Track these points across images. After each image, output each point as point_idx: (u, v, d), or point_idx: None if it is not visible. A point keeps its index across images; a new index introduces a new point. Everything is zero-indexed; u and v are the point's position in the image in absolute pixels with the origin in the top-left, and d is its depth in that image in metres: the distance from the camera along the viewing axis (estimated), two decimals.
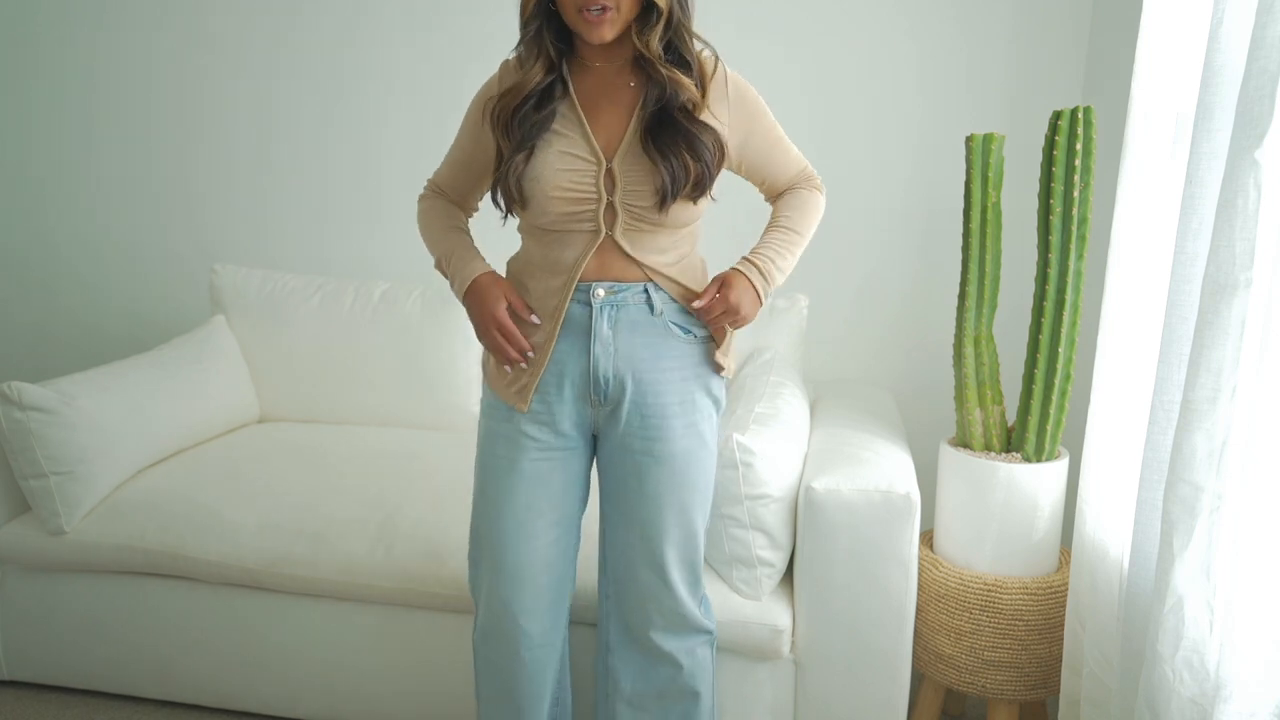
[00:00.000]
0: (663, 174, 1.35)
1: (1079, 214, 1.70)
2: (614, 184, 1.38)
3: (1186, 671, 1.32)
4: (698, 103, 1.39)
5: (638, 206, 1.38)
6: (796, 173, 1.56)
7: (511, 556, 1.48)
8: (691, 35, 1.40)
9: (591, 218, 1.39)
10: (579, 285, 1.41)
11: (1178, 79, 1.56)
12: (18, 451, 1.94)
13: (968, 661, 1.80)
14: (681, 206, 1.39)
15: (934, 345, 2.48)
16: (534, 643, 1.52)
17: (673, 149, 1.35)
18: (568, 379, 1.44)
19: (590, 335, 1.42)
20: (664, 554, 1.48)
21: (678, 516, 1.47)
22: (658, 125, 1.37)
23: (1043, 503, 1.76)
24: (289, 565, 1.89)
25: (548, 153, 1.38)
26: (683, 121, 1.37)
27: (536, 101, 1.39)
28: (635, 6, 1.34)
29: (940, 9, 2.43)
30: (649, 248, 1.42)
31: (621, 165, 1.38)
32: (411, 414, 2.47)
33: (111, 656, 2.03)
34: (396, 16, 2.70)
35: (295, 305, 2.52)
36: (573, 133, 1.39)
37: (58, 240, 3.01)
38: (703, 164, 1.37)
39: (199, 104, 2.85)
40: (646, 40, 1.36)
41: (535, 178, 1.37)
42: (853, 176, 2.54)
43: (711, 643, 1.58)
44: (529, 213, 1.41)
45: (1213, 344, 1.25)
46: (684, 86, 1.37)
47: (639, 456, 1.45)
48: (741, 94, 1.47)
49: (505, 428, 1.47)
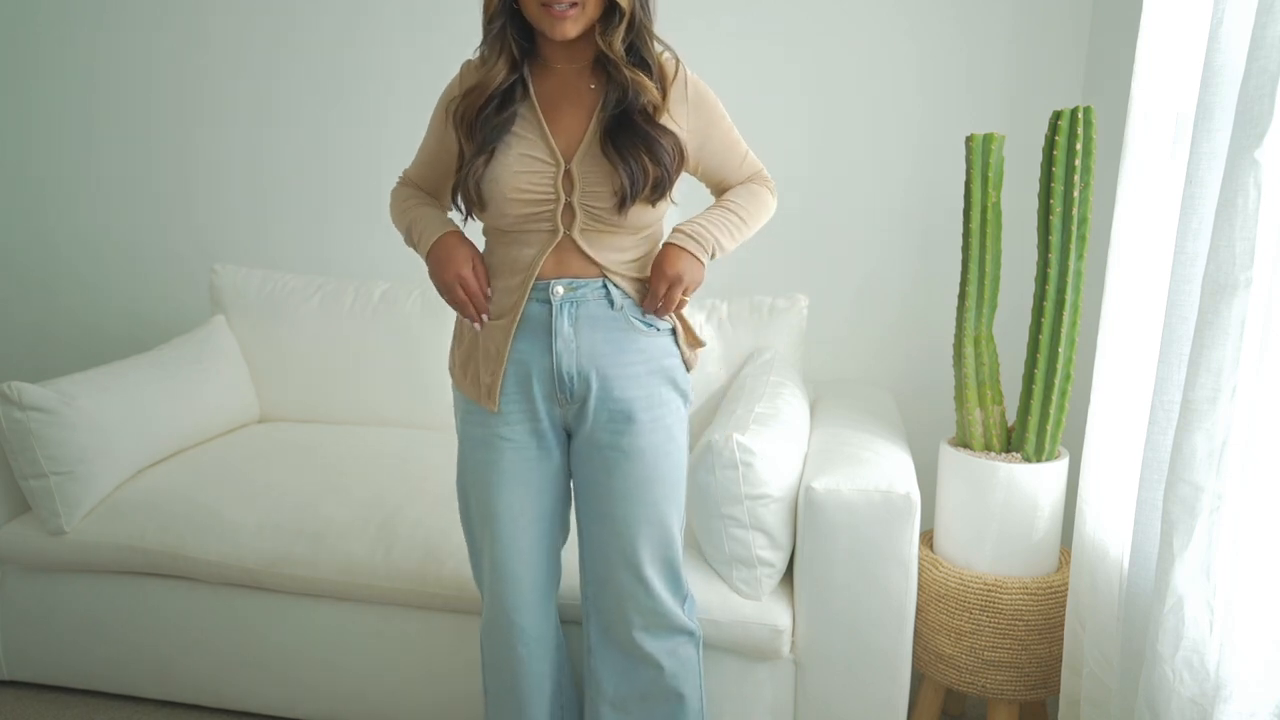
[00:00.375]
0: (621, 176, 1.36)
1: (1079, 214, 1.70)
2: (572, 185, 1.39)
3: (1186, 671, 1.32)
4: (658, 105, 1.40)
5: (596, 208, 1.39)
6: (750, 175, 1.57)
7: (501, 555, 1.51)
8: (653, 37, 1.41)
9: (549, 218, 1.40)
10: (537, 284, 1.42)
11: (1178, 79, 1.56)
12: (18, 451, 1.94)
13: (968, 661, 1.80)
14: (640, 209, 1.40)
15: (934, 345, 2.48)
16: (529, 637, 1.54)
17: (632, 152, 1.36)
18: (535, 378, 1.45)
19: (551, 334, 1.43)
20: (637, 550, 1.48)
21: (648, 511, 1.47)
22: (617, 127, 1.38)
23: (1043, 503, 1.76)
24: (289, 565, 1.89)
25: (507, 155, 1.39)
26: (642, 124, 1.38)
27: (498, 103, 1.40)
28: (599, 6, 1.35)
29: (940, 9, 2.43)
30: (607, 247, 1.43)
31: (580, 167, 1.39)
32: (411, 414, 2.47)
33: (111, 656, 2.03)
34: (396, 16, 2.70)
35: (295, 305, 2.52)
36: (532, 134, 1.40)
37: (58, 240, 3.01)
38: (662, 167, 1.37)
39: (199, 104, 2.85)
40: (609, 41, 1.36)
41: (494, 180, 1.39)
42: (853, 176, 2.54)
43: (695, 643, 1.57)
44: (488, 214, 1.42)
45: (1213, 344, 1.25)
46: (645, 89, 1.38)
47: (607, 452, 1.46)
48: (701, 97, 1.47)
49: (481, 431, 1.49)
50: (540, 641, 1.56)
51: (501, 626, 1.54)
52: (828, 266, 2.58)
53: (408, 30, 2.70)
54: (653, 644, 1.52)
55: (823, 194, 2.55)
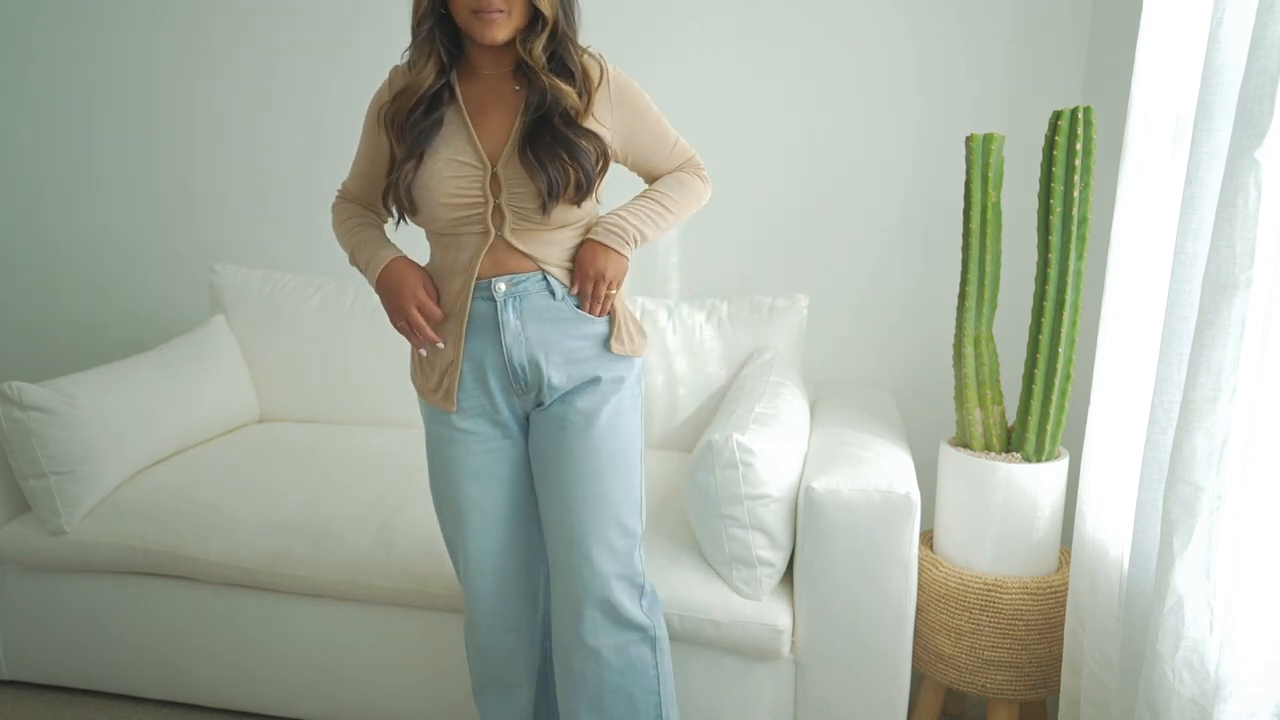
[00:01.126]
0: (541, 179, 1.39)
1: (1079, 214, 1.70)
2: (500, 188, 1.42)
3: (1186, 671, 1.32)
4: (579, 109, 1.42)
5: (523, 208, 1.42)
6: (682, 164, 1.58)
7: (474, 548, 1.54)
8: (576, 45, 1.43)
9: (480, 220, 1.43)
10: (479, 283, 1.45)
11: (1178, 79, 1.56)
12: (18, 451, 1.94)
13: (968, 661, 1.80)
14: (565, 209, 1.42)
15: (934, 345, 2.48)
16: (508, 626, 1.57)
17: (550, 155, 1.39)
18: (490, 374, 1.48)
19: (499, 328, 1.46)
20: (581, 526, 1.47)
21: (594, 485, 1.47)
22: (537, 132, 1.40)
23: (1043, 503, 1.76)
24: (289, 565, 1.89)
25: (435, 160, 1.41)
26: (562, 128, 1.40)
27: (426, 107, 1.42)
28: (525, 13, 1.38)
29: (940, 9, 2.43)
30: (540, 242, 1.45)
31: (506, 170, 1.41)
32: (412, 414, 2.45)
33: (111, 656, 2.03)
34: (395, 16, 2.69)
35: (295, 305, 2.52)
36: (459, 138, 1.42)
37: (58, 240, 3.01)
38: (582, 169, 1.40)
39: (199, 104, 2.85)
40: (530, 48, 1.39)
41: (424, 186, 1.41)
42: (853, 176, 2.54)
43: (651, 644, 1.52)
44: (420, 218, 1.45)
45: (1213, 344, 1.25)
46: (565, 94, 1.40)
47: (556, 427, 1.49)
48: (623, 92, 1.49)
49: (445, 430, 1.52)
50: (522, 631, 1.59)
51: (481, 617, 1.57)
52: (828, 266, 2.58)
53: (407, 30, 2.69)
54: (595, 637, 1.48)
55: (823, 194, 2.55)
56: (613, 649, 1.49)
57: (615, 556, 1.48)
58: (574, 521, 1.47)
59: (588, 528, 1.47)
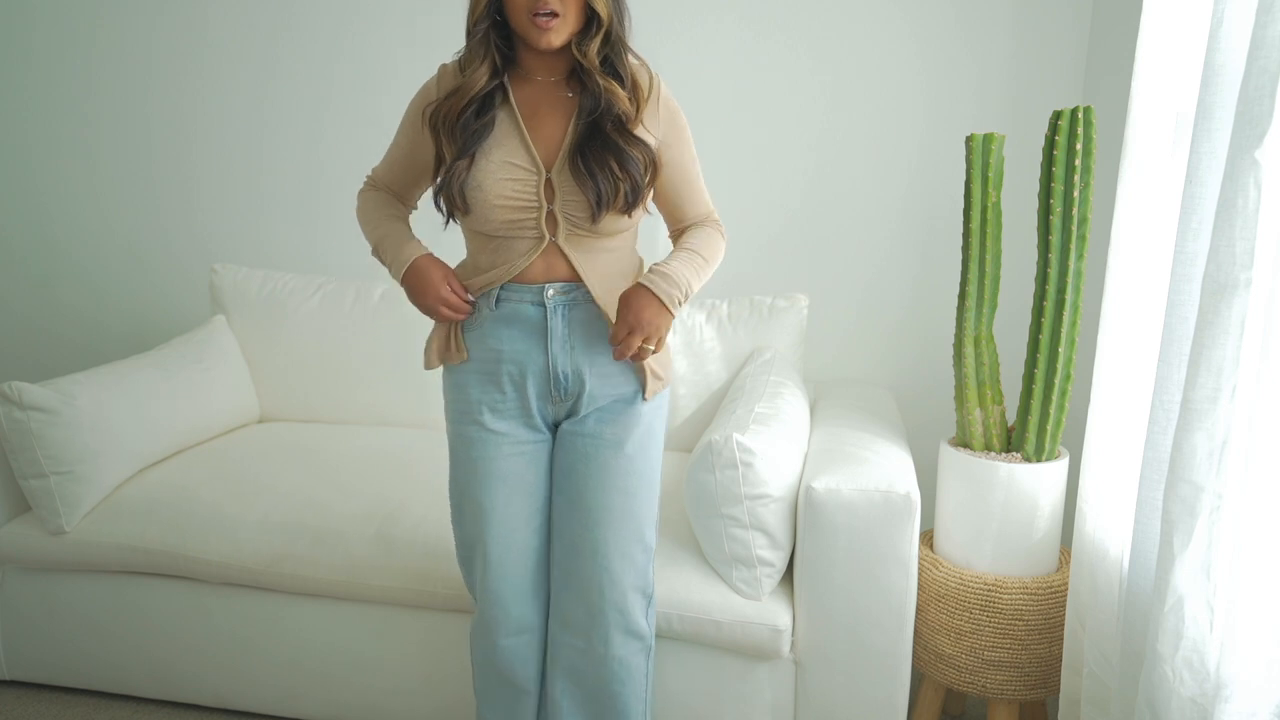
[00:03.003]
0: (592, 187, 1.39)
1: (1079, 214, 1.70)
2: (553, 193, 1.42)
3: (1186, 671, 1.32)
4: (630, 115, 1.42)
5: (575, 215, 1.42)
6: (705, 212, 1.58)
7: (497, 550, 1.52)
8: (628, 50, 1.44)
9: (534, 225, 1.43)
10: (531, 287, 1.46)
11: (1178, 79, 1.56)
12: (18, 451, 1.94)
13: (968, 661, 1.80)
14: (614, 218, 1.43)
15: (934, 345, 2.48)
16: (521, 628, 1.56)
17: (602, 163, 1.39)
18: (530, 378, 1.48)
19: (547, 334, 1.46)
20: (605, 540, 1.49)
21: (622, 502, 1.49)
22: (589, 138, 1.41)
23: (1043, 503, 1.76)
24: (289, 565, 1.89)
25: (489, 161, 1.41)
26: (614, 135, 1.40)
27: (478, 107, 1.42)
28: (580, 17, 1.38)
29: (941, 9, 2.43)
30: (589, 251, 1.46)
31: (559, 176, 1.42)
32: (412, 414, 2.47)
33: (111, 656, 2.03)
34: (395, 16, 2.70)
35: (295, 305, 2.52)
36: (513, 141, 1.43)
37: (58, 239, 3.01)
38: (631, 178, 1.40)
39: (199, 103, 2.85)
40: (585, 50, 1.39)
41: (477, 186, 1.41)
42: (853, 177, 2.54)
43: (646, 652, 1.57)
44: (472, 219, 1.45)
45: (1213, 344, 1.25)
46: (618, 98, 1.40)
47: (590, 440, 1.49)
48: (673, 114, 1.50)
49: (474, 430, 1.51)
50: (533, 633, 1.58)
51: (496, 619, 1.55)
52: (828, 266, 2.58)
53: (406, 30, 2.70)
54: (606, 645, 1.52)
55: (823, 194, 2.55)
56: (618, 658, 1.53)
57: (634, 569, 1.52)
58: (600, 534, 1.49)
59: (612, 542, 1.49)
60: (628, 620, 1.52)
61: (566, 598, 1.54)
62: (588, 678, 1.54)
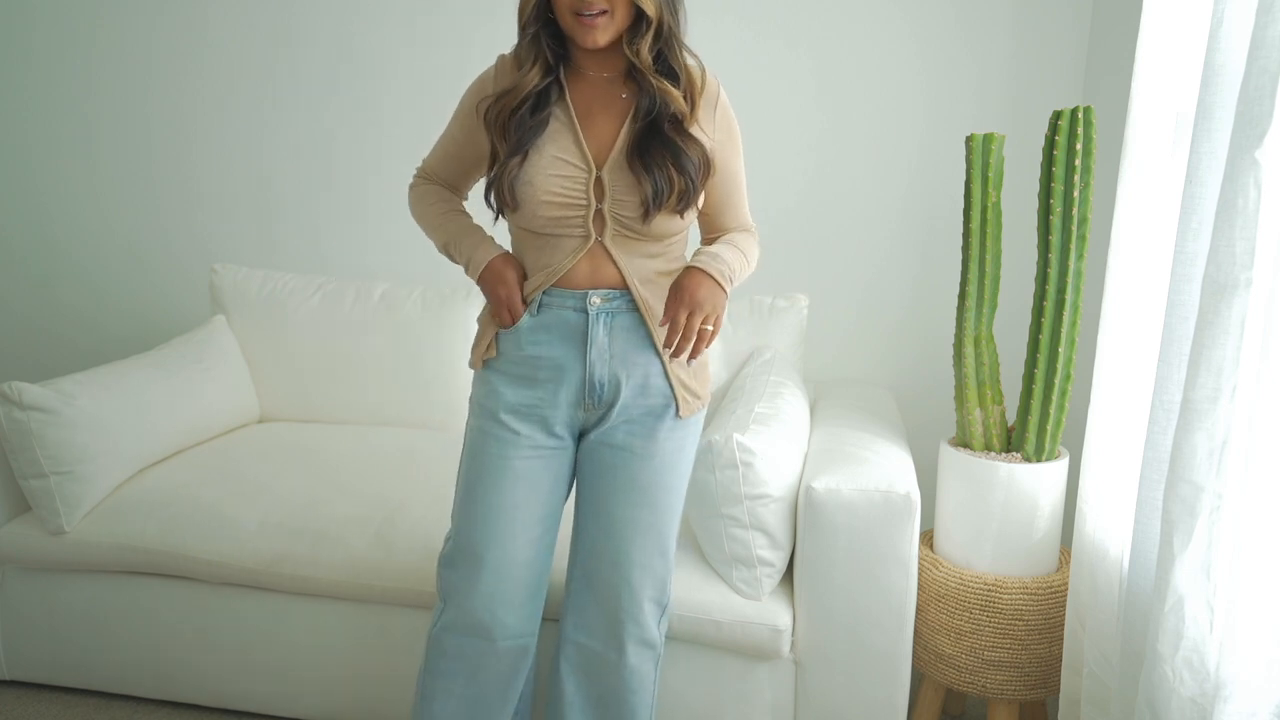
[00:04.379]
0: (647, 187, 1.37)
1: (1079, 214, 1.70)
2: (603, 192, 1.41)
3: (1186, 671, 1.32)
4: (685, 115, 1.41)
5: (625, 216, 1.41)
6: (744, 224, 1.57)
7: (496, 553, 1.49)
8: (681, 47, 1.42)
9: (581, 224, 1.42)
10: (574, 293, 1.44)
11: (1178, 79, 1.56)
12: (18, 451, 1.94)
13: (968, 661, 1.80)
14: (666, 219, 1.41)
15: (934, 345, 2.48)
16: (509, 634, 1.52)
17: (658, 162, 1.38)
18: (565, 384, 1.46)
19: (586, 341, 1.44)
20: (629, 552, 1.49)
21: (648, 515, 1.49)
22: (646, 137, 1.39)
23: (1043, 503, 1.76)
24: (289, 565, 1.89)
25: (540, 157, 1.40)
26: (671, 135, 1.39)
27: (533, 104, 1.40)
28: (629, 15, 1.36)
29: (941, 9, 2.43)
30: (634, 254, 1.45)
31: (610, 175, 1.40)
32: (411, 414, 2.47)
33: (111, 656, 2.03)
34: (396, 17, 2.70)
35: (295, 305, 2.52)
36: (566, 138, 1.41)
37: (59, 239, 3.01)
38: (687, 178, 1.39)
39: (200, 103, 2.85)
40: (637, 49, 1.38)
41: (528, 182, 1.39)
42: (853, 176, 2.54)
43: (655, 660, 1.57)
44: (519, 215, 1.43)
45: (1213, 344, 1.25)
46: (673, 98, 1.39)
47: (620, 452, 1.48)
48: (727, 116, 1.49)
49: (496, 427, 1.49)
50: (519, 638, 1.54)
51: (483, 624, 1.51)
52: (828, 266, 2.58)
53: (408, 31, 2.70)
54: (620, 653, 1.52)
55: (823, 194, 2.55)
56: (631, 667, 1.53)
57: (654, 582, 1.52)
58: (622, 546, 1.49)
59: (635, 555, 1.49)
60: (644, 631, 1.52)
61: (585, 601, 1.53)
62: (600, 681, 1.54)
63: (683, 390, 1.49)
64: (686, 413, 1.50)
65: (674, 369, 1.48)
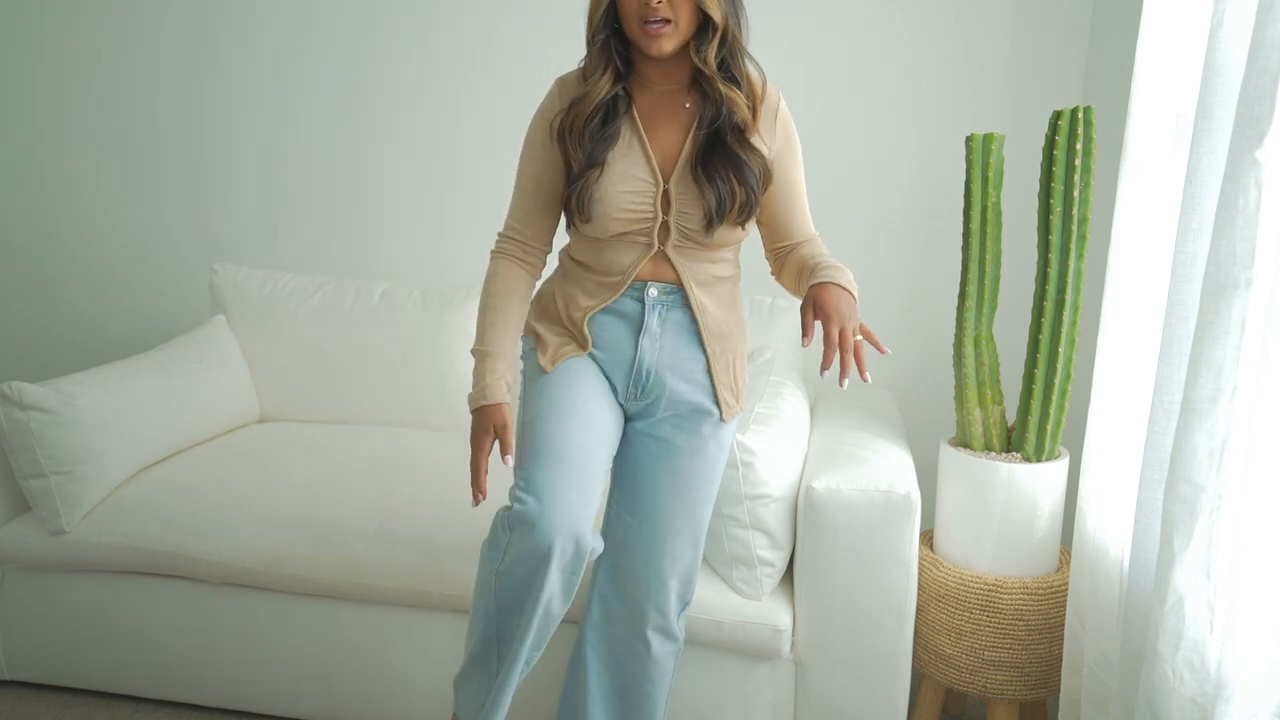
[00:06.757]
0: (710, 199, 1.40)
1: (1079, 214, 1.70)
2: (669, 204, 1.44)
3: (1187, 671, 1.32)
4: (748, 123, 1.42)
5: (688, 228, 1.44)
6: (810, 233, 1.56)
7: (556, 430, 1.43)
8: (744, 54, 1.44)
9: (646, 233, 1.46)
10: (634, 284, 1.48)
11: (1178, 79, 1.56)
12: (18, 451, 1.94)
13: (968, 661, 1.80)
14: (728, 229, 1.45)
15: (934, 345, 2.48)
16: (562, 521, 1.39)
17: (721, 174, 1.40)
18: (617, 367, 1.50)
19: (641, 328, 1.48)
20: (663, 544, 1.52)
21: (685, 509, 1.52)
22: (710, 148, 1.42)
23: (1043, 503, 1.76)
24: (289, 565, 1.89)
25: (611, 174, 1.43)
26: (733, 146, 1.41)
27: (604, 115, 1.43)
28: (694, 23, 1.38)
29: (940, 9, 2.43)
30: (697, 260, 1.48)
31: (676, 187, 1.43)
32: (411, 414, 2.47)
33: (111, 656, 2.03)
34: (400, 20, 2.70)
35: (296, 305, 2.52)
36: (634, 152, 1.44)
37: (61, 238, 3.01)
38: (748, 189, 1.41)
39: (203, 104, 2.85)
40: (704, 55, 1.39)
41: (600, 198, 1.42)
42: (853, 176, 2.54)
43: (676, 655, 1.61)
44: (589, 227, 1.46)
45: (1213, 344, 1.25)
46: (738, 106, 1.41)
47: (663, 444, 1.52)
48: (787, 126, 1.51)
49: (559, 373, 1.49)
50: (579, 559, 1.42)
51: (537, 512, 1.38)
52: None
53: (411, 33, 2.70)
54: (645, 643, 1.56)
55: (823, 194, 2.54)
56: (655, 659, 1.57)
57: (683, 575, 1.56)
58: (658, 535, 1.52)
59: (669, 544, 1.52)
60: (668, 623, 1.56)
61: (612, 591, 1.56)
62: (623, 671, 1.57)
63: (726, 392, 1.52)
64: (729, 416, 1.53)
65: (718, 373, 1.51)
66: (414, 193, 2.76)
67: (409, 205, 2.78)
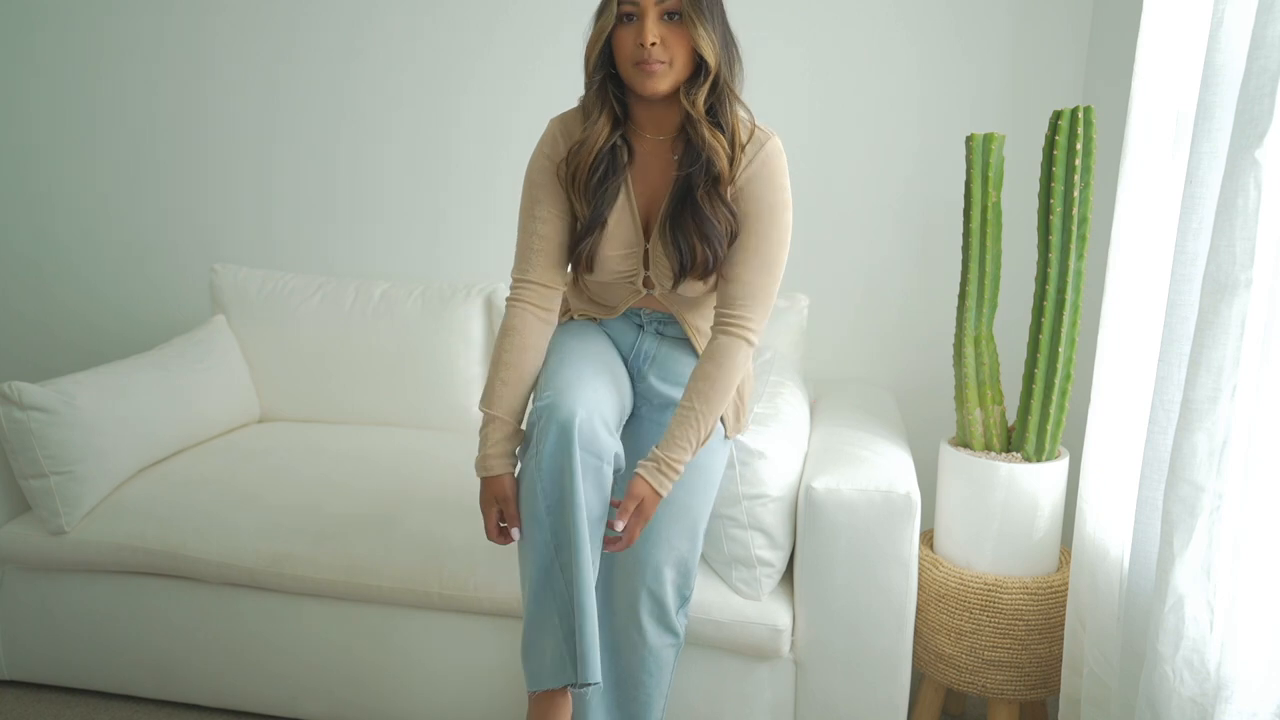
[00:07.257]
0: (675, 258, 1.45)
1: (1079, 214, 1.70)
2: (649, 259, 1.50)
3: (1187, 671, 1.32)
4: (724, 174, 1.42)
5: (664, 282, 1.51)
6: (751, 302, 1.45)
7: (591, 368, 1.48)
8: (735, 101, 1.44)
9: (633, 281, 1.55)
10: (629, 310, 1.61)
11: (1178, 79, 1.56)
12: (18, 451, 1.94)
13: (968, 661, 1.80)
14: (693, 284, 1.49)
15: (934, 345, 2.48)
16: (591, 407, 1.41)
17: (683, 233, 1.43)
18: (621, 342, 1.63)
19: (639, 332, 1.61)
20: (658, 529, 1.53)
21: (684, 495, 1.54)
22: (680, 203, 1.44)
23: (1043, 503, 1.76)
24: (289, 565, 1.89)
25: (606, 237, 1.48)
26: (702, 202, 1.42)
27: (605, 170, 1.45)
28: (689, 66, 1.39)
29: (940, 9, 2.43)
30: (681, 303, 1.58)
31: (654, 246, 1.49)
32: (411, 414, 2.47)
33: (111, 656, 2.03)
34: (399, 20, 2.70)
35: (296, 305, 2.52)
36: (625, 212, 1.49)
37: (60, 238, 3.02)
38: (710, 250, 1.43)
39: (202, 104, 2.85)
40: (693, 99, 1.39)
41: (601, 259, 1.50)
42: (853, 176, 2.54)
43: (676, 650, 1.62)
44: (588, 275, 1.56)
45: (1213, 344, 1.25)
46: (718, 155, 1.41)
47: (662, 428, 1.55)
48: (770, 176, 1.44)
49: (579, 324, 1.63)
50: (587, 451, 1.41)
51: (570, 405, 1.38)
52: (828, 266, 2.58)
53: (410, 34, 2.70)
54: (642, 632, 1.57)
55: (823, 194, 2.55)
56: (652, 649, 1.58)
57: (678, 561, 1.57)
58: (655, 525, 1.53)
59: (661, 530, 1.54)
60: (665, 613, 1.57)
61: (608, 576, 1.58)
62: (621, 659, 1.59)
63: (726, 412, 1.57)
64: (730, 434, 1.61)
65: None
66: (414, 193, 2.76)
67: (409, 205, 2.78)
